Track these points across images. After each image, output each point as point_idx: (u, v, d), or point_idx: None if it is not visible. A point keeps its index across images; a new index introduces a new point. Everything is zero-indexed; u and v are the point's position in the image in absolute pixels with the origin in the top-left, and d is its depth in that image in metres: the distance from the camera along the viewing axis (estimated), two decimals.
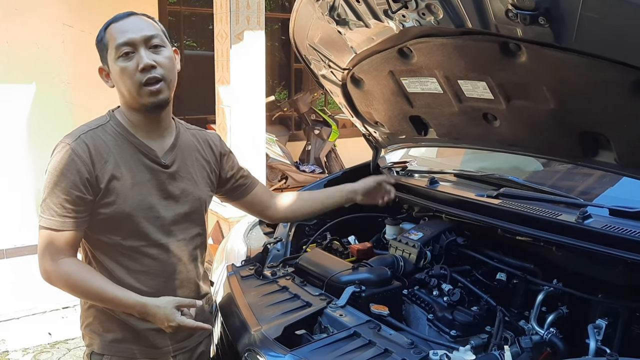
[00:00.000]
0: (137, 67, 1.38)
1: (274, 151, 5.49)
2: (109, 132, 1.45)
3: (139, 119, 1.47)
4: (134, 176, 1.44)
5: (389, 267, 1.74)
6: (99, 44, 1.45)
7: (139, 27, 1.41)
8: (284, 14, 6.77)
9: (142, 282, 1.47)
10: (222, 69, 3.95)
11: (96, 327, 1.51)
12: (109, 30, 1.42)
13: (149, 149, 1.47)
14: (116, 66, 1.40)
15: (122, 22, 1.42)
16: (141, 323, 1.47)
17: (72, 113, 4.55)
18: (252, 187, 1.78)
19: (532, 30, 1.31)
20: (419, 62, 1.78)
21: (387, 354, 1.29)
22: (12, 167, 4.41)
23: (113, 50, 1.40)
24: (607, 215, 1.63)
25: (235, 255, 2.07)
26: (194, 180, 1.56)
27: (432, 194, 2.11)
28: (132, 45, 1.39)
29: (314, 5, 1.86)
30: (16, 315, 3.59)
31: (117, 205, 1.41)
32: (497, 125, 1.80)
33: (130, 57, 1.39)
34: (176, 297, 1.44)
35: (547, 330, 1.48)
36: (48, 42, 4.49)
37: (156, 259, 1.48)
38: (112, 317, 1.48)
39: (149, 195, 1.45)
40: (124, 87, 1.42)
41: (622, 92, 1.33)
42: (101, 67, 1.47)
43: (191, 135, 1.61)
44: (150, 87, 1.39)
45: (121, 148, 1.44)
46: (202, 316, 1.60)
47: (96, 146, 1.41)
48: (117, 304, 1.41)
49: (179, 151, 1.53)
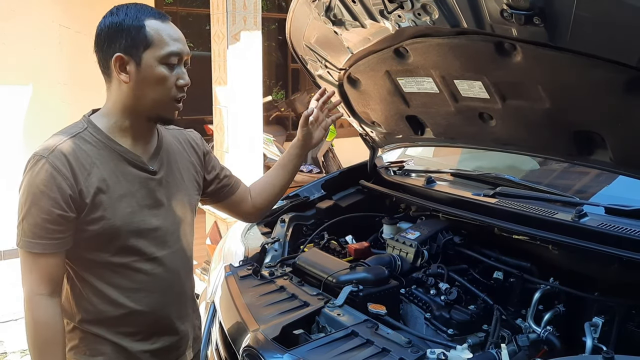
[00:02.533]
0: (176, 82, 1.32)
1: (272, 151, 5.49)
2: (89, 140, 1.31)
3: (131, 125, 1.35)
4: (121, 187, 1.32)
5: (387, 267, 1.74)
6: (132, 32, 1.27)
7: (184, 41, 1.34)
8: (281, 14, 6.77)
9: (136, 300, 1.37)
10: (219, 69, 3.95)
11: (82, 350, 1.38)
12: (154, 26, 1.29)
13: (134, 155, 1.36)
14: (157, 70, 1.29)
15: (169, 27, 1.32)
16: (135, 344, 1.39)
17: (68, 113, 4.53)
18: (236, 187, 1.70)
19: (526, 30, 1.32)
20: (415, 62, 1.79)
21: (385, 353, 1.29)
22: (9, 168, 4.40)
23: (160, 53, 1.29)
24: (603, 213, 1.64)
25: (233, 255, 2.07)
26: (183, 185, 1.48)
27: (429, 193, 2.11)
28: (179, 57, 1.32)
29: (310, 6, 1.87)
30: (14, 317, 3.58)
31: (106, 220, 1.29)
32: (493, 124, 1.81)
33: (172, 68, 1.31)
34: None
35: (544, 329, 1.49)
36: (44, 43, 4.49)
37: (150, 275, 1.38)
38: (101, 340, 1.37)
39: (139, 206, 1.35)
40: (152, 94, 1.31)
41: (616, 91, 1.33)
42: (121, 56, 1.28)
43: (172, 136, 1.51)
44: (179, 104, 1.35)
45: (104, 157, 1.31)
46: (194, 332, 1.57)
47: (77, 157, 1.27)
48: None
49: (164, 154, 1.44)
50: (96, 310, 1.36)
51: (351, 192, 2.45)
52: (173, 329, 1.47)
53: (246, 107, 3.97)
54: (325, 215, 2.27)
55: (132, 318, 1.38)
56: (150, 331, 1.42)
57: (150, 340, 1.42)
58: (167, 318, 1.45)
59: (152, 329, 1.43)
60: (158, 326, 1.44)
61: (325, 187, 2.44)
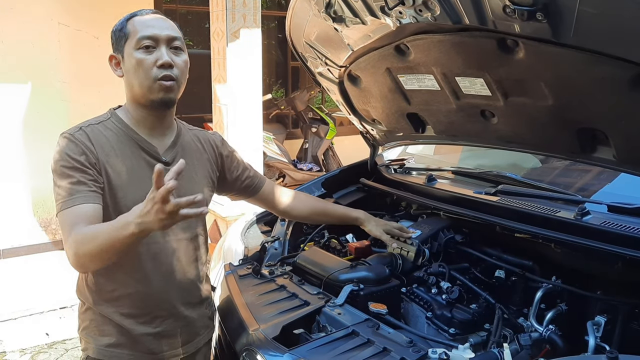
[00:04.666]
0: (155, 62, 1.38)
1: (272, 149, 5.48)
2: (110, 128, 1.44)
3: (143, 115, 1.46)
4: (134, 172, 1.42)
5: (387, 265, 1.73)
6: (117, 32, 1.44)
7: (164, 26, 1.42)
8: (280, 12, 6.75)
9: (139, 281, 1.44)
10: (219, 67, 3.94)
11: (92, 331, 1.48)
12: (133, 21, 1.42)
13: (150, 145, 1.46)
14: (134, 57, 1.39)
15: (148, 18, 1.43)
16: (137, 327, 1.45)
17: (67, 112, 4.53)
18: (260, 186, 1.80)
19: (529, 26, 1.31)
20: (416, 59, 1.78)
21: (386, 352, 1.28)
22: (8, 167, 4.40)
23: (134, 40, 1.39)
24: (606, 211, 1.63)
25: (232, 254, 2.07)
26: (194, 179, 1.54)
27: (430, 191, 2.11)
28: (155, 41, 1.39)
29: (310, 3, 1.86)
30: (13, 316, 3.58)
31: (117, 200, 1.39)
32: (495, 122, 1.80)
33: (150, 51, 1.39)
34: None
35: (546, 328, 1.48)
36: (44, 41, 4.47)
37: (154, 259, 1.45)
38: (108, 321, 1.46)
39: (147, 192, 1.40)
40: (136, 79, 1.40)
41: (620, 88, 1.32)
42: (113, 55, 1.45)
43: (193, 135, 1.61)
44: (163, 82, 1.39)
45: (122, 144, 1.43)
46: (202, 321, 1.59)
47: (97, 139, 1.40)
48: (119, 236, 1.22)
49: (179, 149, 1.52)
50: (103, 290, 1.45)
51: (352, 191, 2.45)
52: (177, 315, 1.51)
53: (246, 105, 3.96)
54: None
55: (136, 299, 1.45)
56: (154, 314, 1.48)
57: (153, 323, 1.48)
58: (169, 302, 1.49)
59: (155, 312, 1.48)
60: (161, 310, 1.48)
61: (326, 185, 2.43)
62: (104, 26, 1.67)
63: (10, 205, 4.41)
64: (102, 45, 4.47)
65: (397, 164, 2.49)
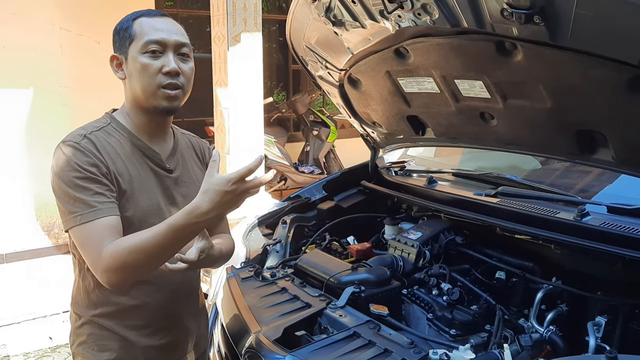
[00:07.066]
0: (161, 69, 1.33)
1: (273, 152, 5.48)
2: (112, 134, 1.37)
3: (144, 121, 1.40)
4: (142, 180, 1.37)
5: (388, 267, 1.74)
6: (121, 32, 1.36)
7: (173, 31, 1.36)
8: (281, 16, 6.76)
9: (148, 294, 1.39)
10: (220, 71, 3.95)
11: (90, 346, 1.40)
12: (139, 22, 1.35)
13: (154, 152, 1.41)
14: (138, 61, 1.32)
15: (156, 20, 1.36)
16: (142, 339, 1.41)
17: (69, 116, 4.54)
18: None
19: (527, 29, 1.31)
20: (415, 62, 1.79)
21: (387, 353, 1.28)
22: (11, 171, 4.41)
23: (140, 43, 1.32)
24: (605, 212, 1.63)
25: (234, 256, 2.07)
26: (196, 186, 1.46)
27: (431, 193, 2.11)
28: (162, 46, 1.33)
29: (310, 7, 1.87)
30: (17, 320, 3.58)
31: (127, 210, 1.33)
32: (495, 124, 1.80)
33: (156, 57, 1.33)
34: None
35: (547, 328, 1.48)
36: (46, 46, 4.49)
37: (161, 269, 1.35)
38: (109, 334, 1.39)
39: (156, 201, 1.39)
40: (139, 84, 1.34)
41: (618, 90, 1.33)
42: (114, 55, 1.38)
43: (186, 139, 1.57)
44: (168, 90, 1.34)
45: (127, 151, 1.37)
46: (200, 331, 1.58)
47: (104, 147, 1.33)
48: (178, 233, 1.20)
49: (179, 156, 1.49)
50: (108, 302, 1.38)
51: (352, 193, 2.45)
52: (182, 325, 1.49)
53: (247, 109, 3.97)
54: (327, 216, 2.27)
55: (143, 311, 1.40)
56: (160, 326, 1.44)
57: (159, 335, 1.44)
58: (177, 314, 1.47)
59: (162, 324, 1.44)
60: (168, 321, 1.45)
61: (327, 188, 2.44)
62: (105, 31, 1.67)
63: (12, 209, 4.42)
64: (104, 50, 4.49)
65: (398, 166, 2.50)
